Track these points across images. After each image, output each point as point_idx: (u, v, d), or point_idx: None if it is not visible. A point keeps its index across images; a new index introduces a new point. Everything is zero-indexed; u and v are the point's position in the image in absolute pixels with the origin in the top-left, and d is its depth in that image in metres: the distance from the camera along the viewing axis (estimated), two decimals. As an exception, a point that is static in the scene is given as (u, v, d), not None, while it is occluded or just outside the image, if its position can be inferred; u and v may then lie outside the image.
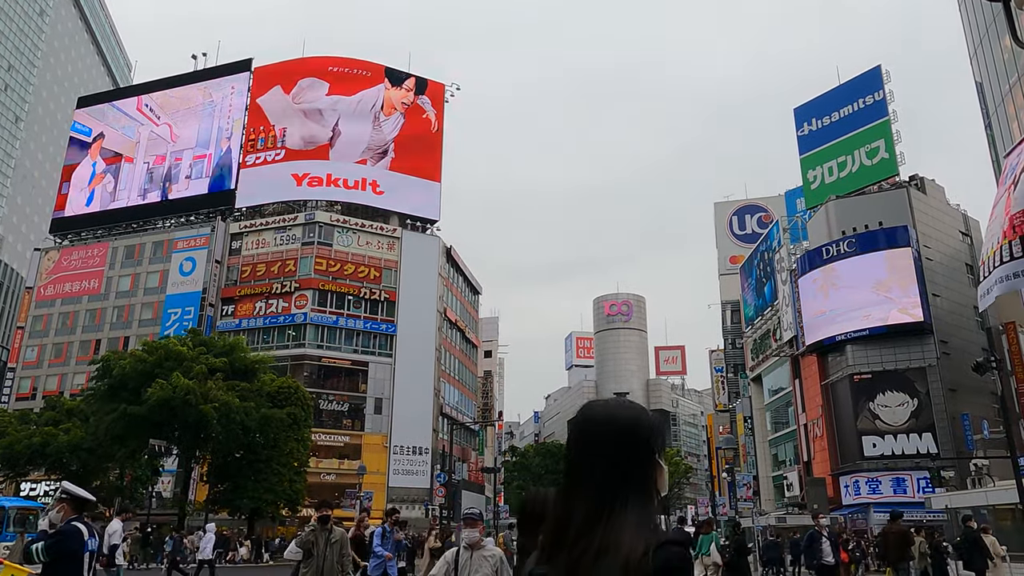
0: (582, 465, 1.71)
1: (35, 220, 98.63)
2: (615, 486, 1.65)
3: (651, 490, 1.69)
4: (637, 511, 1.62)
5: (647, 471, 1.69)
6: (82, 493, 5.68)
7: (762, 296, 59.58)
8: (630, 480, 1.66)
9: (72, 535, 5.35)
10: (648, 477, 1.69)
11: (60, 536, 5.38)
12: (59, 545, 5.33)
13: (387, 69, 68.34)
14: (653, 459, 1.69)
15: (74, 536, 5.36)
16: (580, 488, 1.69)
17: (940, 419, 41.27)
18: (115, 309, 64.49)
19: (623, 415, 1.73)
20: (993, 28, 34.00)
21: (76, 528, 5.39)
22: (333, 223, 61.33)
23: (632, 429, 1.70)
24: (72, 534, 5.36)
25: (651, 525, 1.62)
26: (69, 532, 5.37)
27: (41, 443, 36.87)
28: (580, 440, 1.74)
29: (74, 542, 5.36)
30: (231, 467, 38.08)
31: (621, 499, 1.63)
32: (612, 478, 1.66)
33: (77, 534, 5.37)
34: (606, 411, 1.74)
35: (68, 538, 5.35)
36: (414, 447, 57.29)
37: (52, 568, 5.32)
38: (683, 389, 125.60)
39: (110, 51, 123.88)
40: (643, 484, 1.67)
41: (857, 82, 51.98)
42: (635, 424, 1.71)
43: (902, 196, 47.14)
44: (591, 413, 1.76)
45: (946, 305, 44.49)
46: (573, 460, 1.74)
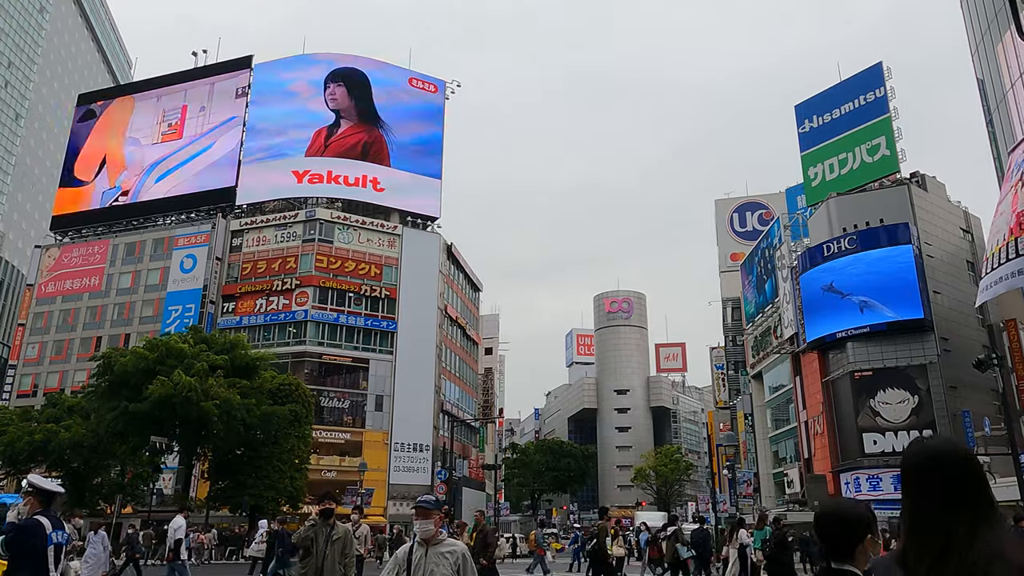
0: (944, 492, 1.99)
1: (36, 217, 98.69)
2: (980, 506, 1.96)
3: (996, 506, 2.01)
4: (1000, 524, 1.94)
5: (989, 491, 2.02)
6: (49, 486, 5.41)
7: (763, 293, 59.56)
8: (986, 500, 1.98)
9: (31, 529, 5.13)
10: (992, 497, 2.01)
11: (19, 531, 5.19)
12: (17, 540, 5.15)
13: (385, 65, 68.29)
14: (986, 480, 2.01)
15: (33, 530, 5.14)
16: (950, 511, 1.96)
17: (941, 416, 41.27)
18: (116, 306, 64.52)
19: (960, 448, 2.06)
20: (995, 24, 33.93)
21: (37, 522, 5.16)
22: (334, 220, 61.33)
23: (971, 459, 2.04)
24: (32, 528, 5.13)
25: (1012, 534, 1.95)
26: (29, 527, 5.14)
27: (42, 440, 36.86)
28: (931, 472, 2.03)
29: (34, 536, 5.13)
30: (232, 464, 38.12)
31: (987, 517, 1.94)
32: (976, 500, 1.97)
33: (38, 528, 5.14)
34: (948, 446, 2.08)
35: (27, 533, 5.13)
36: (415, 444, 57.34)
37: (15, 563, 5.14)
38: (684, 386, 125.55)
39: (110, 48, 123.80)
40: (993, 502, 1.99)
41: (858, 79, 51.91)
42: (969, 455, 2.05)
43: (903, 193, 47.10)
44: (936, 450, 2.07)
45: (947, 302, 44.47)
46: (927, 490, 2.03)
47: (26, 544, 5.13)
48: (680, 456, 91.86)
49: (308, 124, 65.78)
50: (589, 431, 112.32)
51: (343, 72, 67.65)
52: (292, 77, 67.60)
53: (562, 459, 78.94)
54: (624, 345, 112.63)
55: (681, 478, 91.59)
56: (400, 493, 55.26)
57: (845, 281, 45.86)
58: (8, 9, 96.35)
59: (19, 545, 5.16)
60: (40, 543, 5.14)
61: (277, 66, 68.60)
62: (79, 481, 39.13)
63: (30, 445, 36.75)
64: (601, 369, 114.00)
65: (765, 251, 59.04)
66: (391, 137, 66.37)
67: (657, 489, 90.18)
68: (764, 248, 59.50)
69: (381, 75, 68.17)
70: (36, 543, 5.12)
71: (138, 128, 70.88)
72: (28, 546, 5.12)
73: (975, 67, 37.50)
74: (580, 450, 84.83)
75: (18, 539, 5.16)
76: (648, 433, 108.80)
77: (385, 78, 68.16)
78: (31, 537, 5.13)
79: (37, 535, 5.15)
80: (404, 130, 67.06)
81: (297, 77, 67.53)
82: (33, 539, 5.13)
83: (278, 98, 67.09)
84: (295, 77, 67.56)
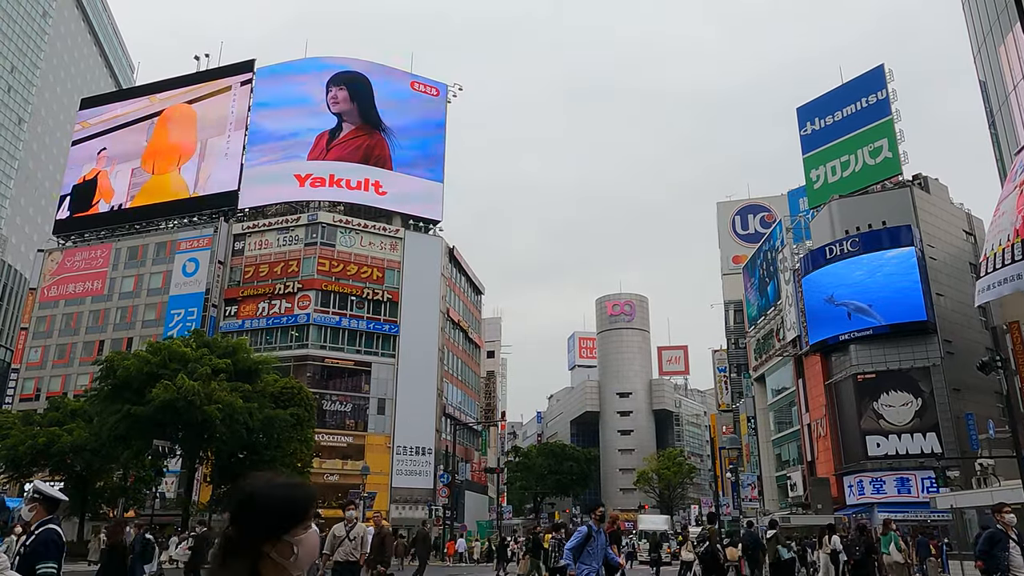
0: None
1: (38, 221, 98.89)
2: None
3: None
4: None
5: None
6: (54, 493, 5.40)
7: (765, 296, 59.50)
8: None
9: (54, 544, 5.00)
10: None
11: (46, 547, 4.97)
12: (52, 555, 4.98)
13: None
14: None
15: (56, 546, 5.02)
16: None
17: (944, 419, 41.17)
18: (118, 310, 64.59)
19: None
20: (997, 26, 33.90)
21: (56, 534, 5.05)
22: (336, 224, 61.38)
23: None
24: (54, 543, 5.01)
25: None
26: (52, 541, 5.00)
27: (45, 444, 36.88)
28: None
29: (57, 550, 5.03)
30: (234, 468, 38.04)
31: None
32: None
33: (57, 541, 5.04)
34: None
35: (54, 548, 5.00)
36: (417, 447, 57.30)
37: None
38: (686, 389, 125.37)
39: (113, 52, 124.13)
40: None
41: (860, 81, 51.92)
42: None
43: (905, 195, 47.06)
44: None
45: (950, 304, 44.39)
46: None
47: (56, 555, 5.07)
48: (683, 459, 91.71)
49: (310, 128, 65.88)
50: (591, 434, 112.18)
51: (345, 76, 67.76)
52: (294, 81, 67.71)
53: (564, 462, 78.87)
54: (626, 348, 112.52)
55: (684, 481, 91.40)
56: (403, 496, 55.20)
57: (846, 285, 45.82)
58: (11, 14, 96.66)
59: (54, 556, 5.09)
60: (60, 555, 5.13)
61: (279, 70, 68.73)
62: (82, 485, 39.15)
63: (33, 449, 36.77)
64: (603, 372, 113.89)
65: (767, 254, 59.01)
66: (393, 140, 66.45)
67: (660, 492, 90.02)
68: (766, 251, 59.46)
69: (383, 79, 68.28)
70: (58, 556, 5.10)
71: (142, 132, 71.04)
72: (58, 555, 5.08)
73: (977, 69, 37.46)
74: (582, 453, 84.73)
75: (52, 553, 5.07)
76: (651, 436, 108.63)
77: (387, 82, 68.26)
78: (56, 551, 5.07)
79: (60, 549, 5.15)
80: (406, 134, 67.14)
81: (299, 81, 67.63)
82: (57, 552, 5.09)
83: (280, 102, 67.19)
84: (297, 81, 67.68)
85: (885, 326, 43.72)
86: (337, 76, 67.64)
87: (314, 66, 68.37)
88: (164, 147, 69.84)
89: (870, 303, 44.62)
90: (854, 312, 45.07)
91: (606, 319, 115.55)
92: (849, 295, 45.50)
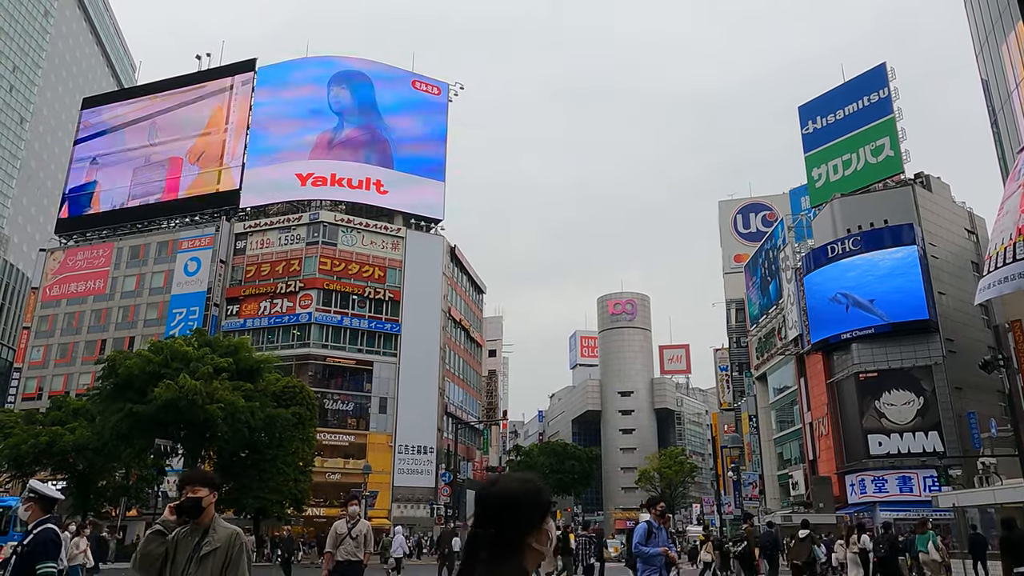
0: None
1: (40, 220, 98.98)
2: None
3: None
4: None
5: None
6: (50, 492, 5.32)
7: (767, 295, 59.47)
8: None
9: (52, 544, 5.00)
10: None
11: (45, 547, 4.99)
12: (52, 555, 5.00)
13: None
14: None
15: (55, 545, 5.04)
16: None
17: (946, 417, 41.14)
18: (120, 309, 64.67)
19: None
20: (999, 24, 33.84)
21: (54, 534, 5.06)
22: (337, 223, 61.41)
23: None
24: (52, 543, 5.01)
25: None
26: (51, 541, 5.00)
27: (47, 443, 36.90)
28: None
29: (56, 550, 5.04)
30: (236, 467, 38.11)
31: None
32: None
33: (56, 540, 5.05)
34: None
35: (53, 548, 5.01)
36: (419, 446, 57.34)
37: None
38: (688, 388, 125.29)
39: (114, 52, 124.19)
40: None
41: (861, 80, 51.86)
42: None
43: (907, 194, 47.02)
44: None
45: (952, 303, 44.35)
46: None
47: (54, 555, 5.08)
48: (684, 458, 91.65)
49: (312, 126, 65.91)
50: (593, 433, 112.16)
51: (347, 74, 67.78)
52: (296, 80, 67.75)
53: (566, 461, 78.85)
54: (628, 347, 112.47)
55: (685, 480, 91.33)
56: (404, 495, 55.25)
57: (848, 284, 45.79)
58: (13, 13, 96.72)
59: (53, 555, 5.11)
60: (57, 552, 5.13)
61: (281, 69, 68.75)
62: (84, 483, 39.19)
63: (35, 448, 36.80)
64: (605, 371, 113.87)
65: (769, 252, 58.97)
66: (395, 139, 66.47)
67: (661, 491, 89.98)
68: (768, 249, 59.42)
69: (385, 78, 68.30)
70: (56, 553, 5.12)
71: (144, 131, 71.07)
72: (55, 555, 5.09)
73: (979, 67, 37.41)
74: (584, 452, 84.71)
75: (50, 552, 5.08)
76: (652, 435, 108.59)
77: (389, 81, 68.28)
78: (55, 550, 5.09)
79: (58, 548, 5.15)
80: (407, 133, 67.16)
81: (301, 80, 67.67)
82: (56, 552, 5.11)
83: (282, 101, 67.23)
84: (299, 80, 67.71)
85: (887, 325, 43.68)
86: (338, 75, 67.67)
87: (315, 65, 68.39)
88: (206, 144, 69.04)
89: (871, 299, 44.58)
90: (853, 306, 45.02)
91: (607, 318, 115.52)
92: (850, 292, 45.48)
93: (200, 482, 4.38)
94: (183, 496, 4.33)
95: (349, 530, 10.67)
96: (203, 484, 4.37)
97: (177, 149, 69.09)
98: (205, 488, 4.34)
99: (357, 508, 11.27)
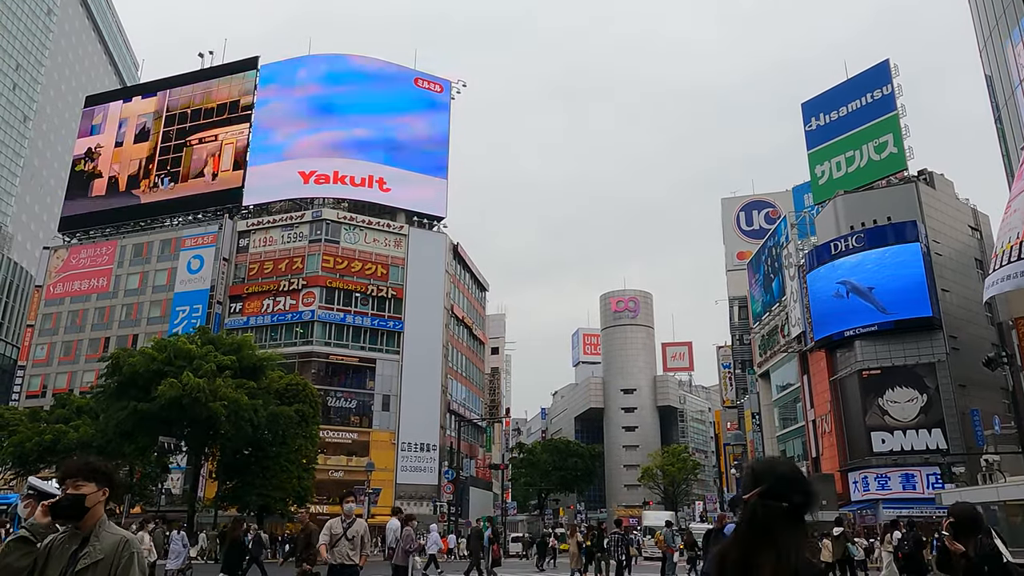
0: None
1: (44, 219, 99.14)
2: None
3: None
4: None
5: None
6: (50, 489, 5.38)
7: (770, 292, 59.37)
8: None
9: None
10: None
11: None
12: None
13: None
14: None
15: None
16: None
17: (950, 415, 41.07)
18: (124, 307, 64.79)
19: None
20: (1003, 20, 33.72)
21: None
22: (340, 220, 61.43)
23: None
24: None
25: None
26: None
27: (51, 440, 37.05)
28: None
29: None
30: (240, 464, 38.21)
31: None
32: None
33: None
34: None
35: None
36: (422, 444, 57.39)
37: None
38: (690, 385, 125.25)
39: (117, 50, 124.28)
40: None
41: (865, 76, 51.69)
42: None
43: (911, 191, 46.90)
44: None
45: (955, 300, 44.25)
46: None
47: None
48: (687, 455, 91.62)
49: (314, 124, 65.92)
50: (596, 430, 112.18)
51: (349, 72, 67.78)
52: (298, 78, 67.78)
53: (569, 458, 78.83)
54: (630, 344, 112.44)
55: (688, 477, 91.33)
56: (407, 493, 55.30)
57: (848, 275, 45.72)
58: (16, 12, 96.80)
59: None
60: None
61: (283, 67, 68.77)
62: (88, 481, 39.25)
63: (39, 445, 36.94)
64: (607, 368, 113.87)
65: (772, 249, 58.86)
66: (397, 137, 66.46)
67: (664, 489, 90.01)
68: (771, 246, 59.31)
69: (387, 75, 68.27)
70: None
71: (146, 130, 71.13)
72: None
73: (983, 63, 37.30)
74: (587, 449, 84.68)
75: None
76: (655, 432, 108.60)
77: (391, 78, 68.25)
78: None
79: None
80: (410, 130, 67.14)
81: (303, 77, 67.69)
82: None
83: (284, 99, 67.26)
84: (301, 78, 67.74)
85: (890, 322, 43.59)
86: (341, 73, 67.67)
87: (318, 63, 68.40)
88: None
89: (871, 286, 44.43)
90: (852, 292, 44.89)
91: (610, 315, 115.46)
92: (849, 278, 45.41)
93: (85, 474, 3.35)
94: (63, 491, 3.37)
95: (345, 530, 9.72)
96: (88, 477, 3.35)
97: (180, 147, 69.15)
98: (91, 483, 3.34)
99: (354, 506, 10.32)
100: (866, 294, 44.56)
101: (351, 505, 10.19)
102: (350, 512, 9.99)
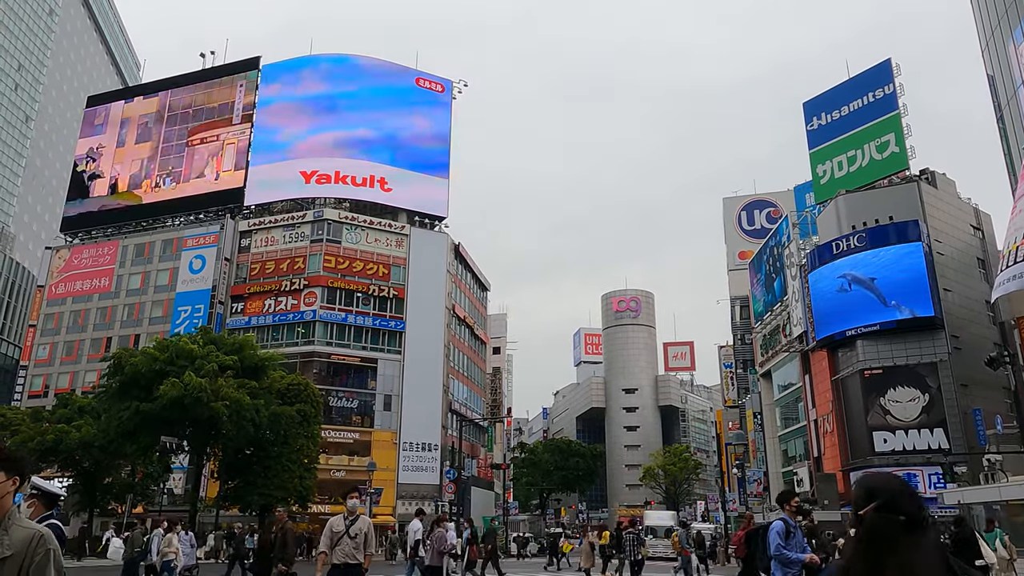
0: None
1: (46, 219, 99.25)
2: None
3: None
4: None
5: None
6: (52, 488, 5.40)
7: (771, 292, 59.35)
8: None
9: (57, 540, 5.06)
10: None
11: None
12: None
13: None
14: None
15: (61, 541, 5.08)
16: None
17: (952, 414, 41.04)
18: (125, 307, 64.85)
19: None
20: (1005, 20, 33.68)
21: (57, 529, 4.97)
22: (342, 220, 61.46)
23: None
24: (57, 539, 5.05)
25: None
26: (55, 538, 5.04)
27: (53, 440, 37.10)
28: None
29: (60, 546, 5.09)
30: (242, 464, 38.25)
31: None
32: None
33: (60, 536, 5.10)
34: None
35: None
36: (423, 443, 57.41)
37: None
38: (692, 385, 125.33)
39: (119, 50, 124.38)
40: None
41: (866, 76, 51.66)
42: None
43: (912, 190, 46.86)
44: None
45: (957, 300, 44.21)
46: None
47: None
48: (689, 455, 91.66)
49: (316, 124, 65.94)
50: (597, 430, 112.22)
51: (351, 72, 67.80)
52: (300, 77, 67.79)
53: (570, 458, 78.91)
54: (632, 344, 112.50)
55: (690, 477, 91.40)
56: (409, 492, 55.33)
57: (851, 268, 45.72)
58: (18, 12, 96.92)
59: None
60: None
61: (285, 67, 68.81)
62: (90, 481, 39.38)
63: (41, 445, 36.98)
64: (609, 368, 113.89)
65: (773, 249, 58.84)
66: (398, 136, 66.46)
67: (666, 488, 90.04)
68: (772, 246, 59.29)
69: (388, 75, 68.28)
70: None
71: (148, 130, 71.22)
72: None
73: (985, 63, 37.26)
74: (588, 449, 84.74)
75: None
76: (657, 432, 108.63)
77: (393, 78, 68.26)
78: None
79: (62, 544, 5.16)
80: (411, 129, 67.13)
81: (305, 77, 67.71)
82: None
83: (286, 99, 67.28)
84: (303, 77, 67.75)
85: (892, 321, 43.57)
86: (342, 73, 67.69)
87: (319, 63, 68.43)
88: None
89: (872, 277, 44.40)
90: (854, 283, 44.85)
91: (612, 315, 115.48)
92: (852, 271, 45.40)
93: (356, 492, 2.81)
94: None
95: (347, 528, 9.27)
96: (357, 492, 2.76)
97: (181, 146, 69.24)
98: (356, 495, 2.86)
99: (357, 502, 9.86)
100: (868, 284, 44.52)
101: (354, 501, 9.79)
102: (354, 508, 9.59)
